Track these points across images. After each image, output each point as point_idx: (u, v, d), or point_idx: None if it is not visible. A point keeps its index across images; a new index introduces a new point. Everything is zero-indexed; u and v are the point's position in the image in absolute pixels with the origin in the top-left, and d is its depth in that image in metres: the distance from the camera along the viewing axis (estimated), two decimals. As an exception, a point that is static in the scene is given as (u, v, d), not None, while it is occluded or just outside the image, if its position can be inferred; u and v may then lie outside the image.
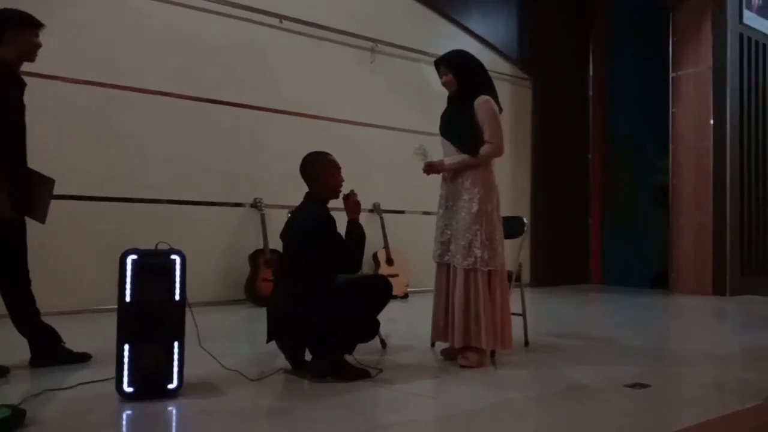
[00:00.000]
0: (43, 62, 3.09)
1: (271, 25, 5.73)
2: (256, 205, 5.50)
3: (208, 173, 5.37)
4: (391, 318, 3.69)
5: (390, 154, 6.42)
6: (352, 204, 2.98)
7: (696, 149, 7.29)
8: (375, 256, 6.22)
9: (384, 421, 2.33)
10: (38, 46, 2.87)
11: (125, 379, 2.33)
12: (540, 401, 2.62)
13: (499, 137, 3.17)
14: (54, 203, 2.91)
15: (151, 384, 2.36)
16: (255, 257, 5.34)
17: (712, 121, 7.14)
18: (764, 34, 7.59)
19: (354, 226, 2.94)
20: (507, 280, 3.34)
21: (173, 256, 2.41)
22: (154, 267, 2.38)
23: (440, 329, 3.33)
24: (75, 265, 4.65)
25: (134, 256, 2.36)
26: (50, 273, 4.12)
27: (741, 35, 7.31)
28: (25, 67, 2.88)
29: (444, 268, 3.31)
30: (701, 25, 7.29)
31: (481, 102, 3.18)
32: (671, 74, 7.51)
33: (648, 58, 8.07)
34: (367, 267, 6.20)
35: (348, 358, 2.89)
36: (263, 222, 5.39)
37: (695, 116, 7.31)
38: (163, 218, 5.08)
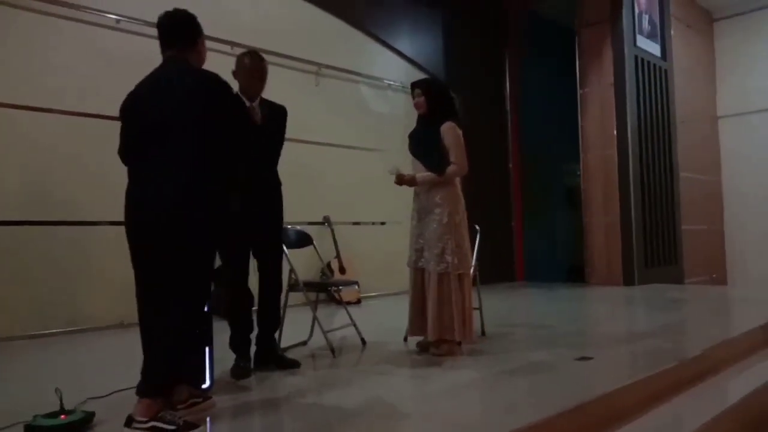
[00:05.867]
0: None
1: (223, 52, 6.04)
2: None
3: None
4: (358, 320, 4.19)
5: (337, 169, 6.88)
6: None
7: (602, 157, 8.25)
8: (328, 266, 6.64)
9: (387, 398, 2.81)
10: None
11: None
12: (511, 375, 3.20)
13: (463, 159, 3.73)
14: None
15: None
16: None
17: (615, 132, 8.13)
18: (653, 54, 8.71)
19: None
20: (472, 282, 3.91)
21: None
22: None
23: (416, 325, 3.84)
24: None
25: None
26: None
27: (636, 56, 8.35)
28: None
29: (418, 272, 3.82)
30: (602, 47, 8.29)
31: (448, 127, 3.72)
32: (579, 90, 8.48)
33: (558, 75, 8.98)
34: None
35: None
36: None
37: (600, 127, 8.28)
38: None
